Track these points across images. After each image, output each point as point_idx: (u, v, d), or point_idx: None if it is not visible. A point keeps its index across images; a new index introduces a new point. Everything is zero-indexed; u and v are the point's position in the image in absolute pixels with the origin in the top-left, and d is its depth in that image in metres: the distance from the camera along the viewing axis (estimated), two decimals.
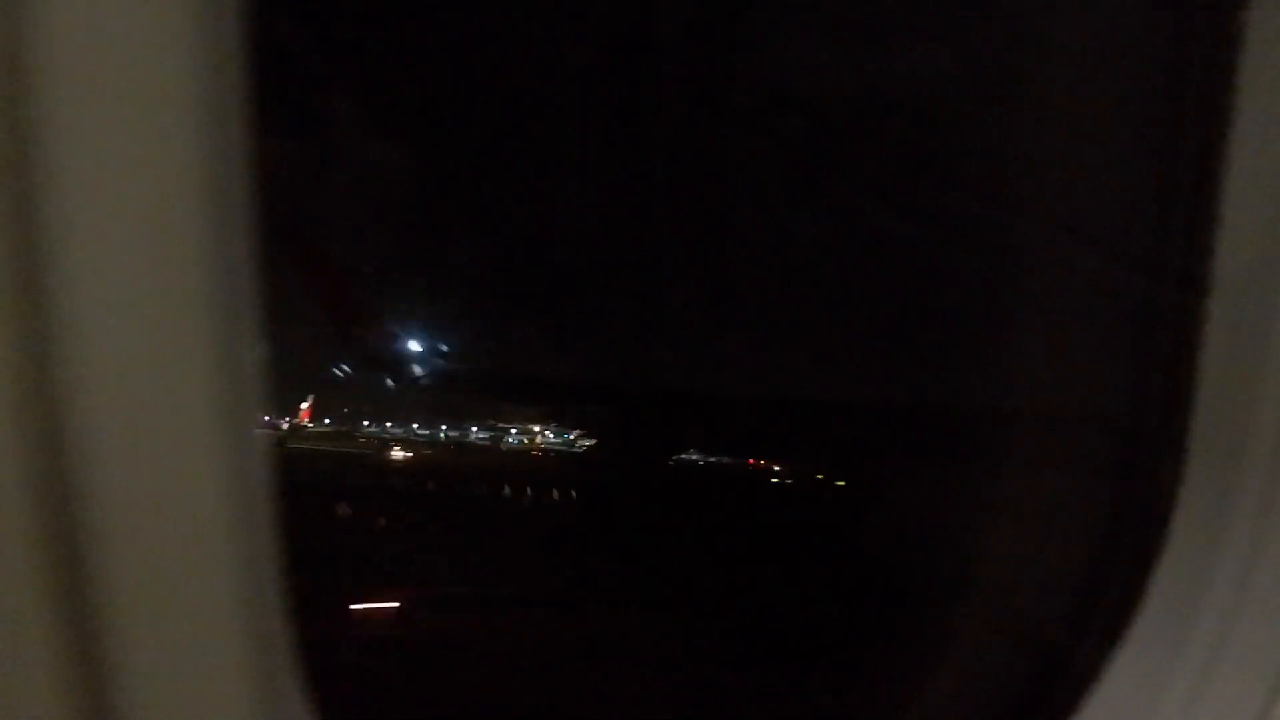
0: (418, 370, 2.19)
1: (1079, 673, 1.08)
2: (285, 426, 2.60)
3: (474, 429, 3.03)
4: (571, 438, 3.06)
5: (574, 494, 3.01)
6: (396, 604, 2.11)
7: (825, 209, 1.83)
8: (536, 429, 3.08)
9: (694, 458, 3.03)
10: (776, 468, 3.17)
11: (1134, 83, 1.24)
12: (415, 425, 2.97)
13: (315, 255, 1.74)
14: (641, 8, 1.68)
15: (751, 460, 3.19)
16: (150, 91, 0.51)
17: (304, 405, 2.66)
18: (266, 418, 0.63)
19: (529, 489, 2.98)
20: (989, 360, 1.57)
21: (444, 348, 2.16)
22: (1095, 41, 1.35)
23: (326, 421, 2.80)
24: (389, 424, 2.94)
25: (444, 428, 2.98)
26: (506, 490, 2.96)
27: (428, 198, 1.86)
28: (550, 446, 3.07)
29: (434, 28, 1.62)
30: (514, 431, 3.06)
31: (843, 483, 3.14)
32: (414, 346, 2.14)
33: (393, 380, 2.17)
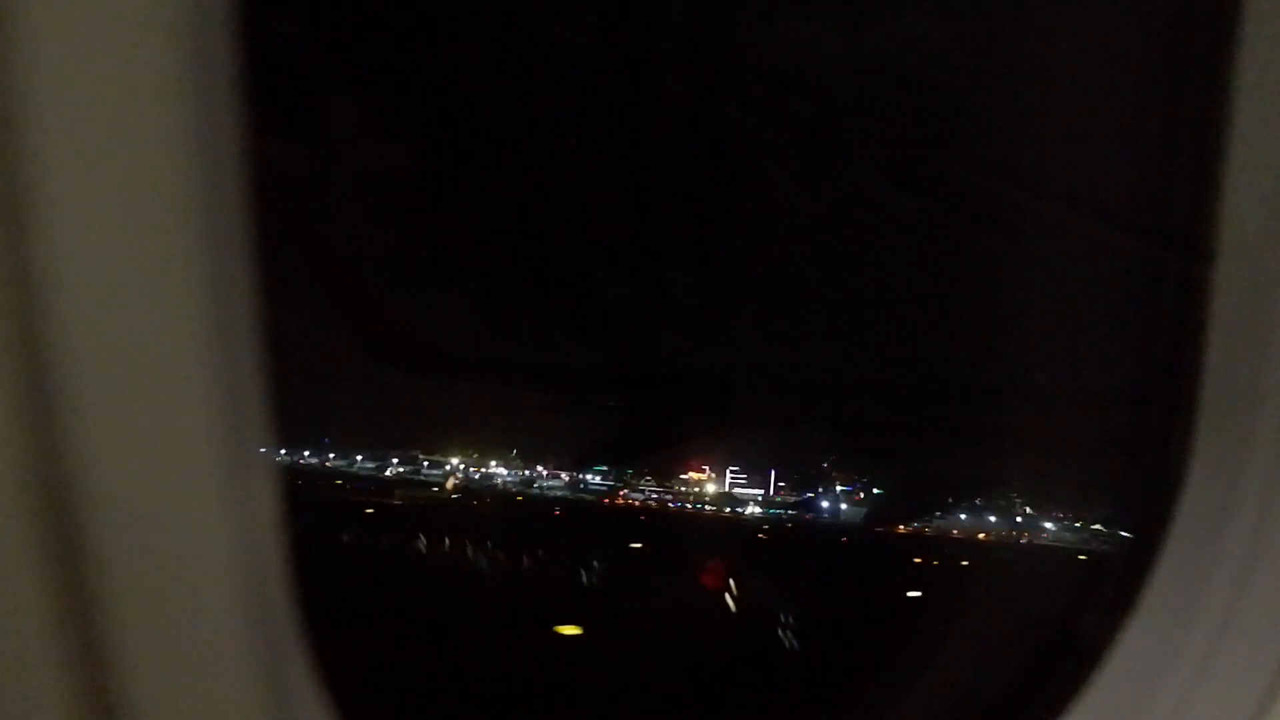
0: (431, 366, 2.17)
1: (1090, 644, 1.08)
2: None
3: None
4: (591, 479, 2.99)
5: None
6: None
7: (829, 188, 1.82)
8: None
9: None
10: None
11: (1137, 53, 1.23)
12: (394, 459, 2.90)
13: (316, 252, 1.74)
14: None
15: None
16: (142, 93, 0.50)
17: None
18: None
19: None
20: (996, 336, 1.56)
21: (451, 340, 2.15)
22: (1097, 11, 1.34)
23: (332, 456, 2.75)
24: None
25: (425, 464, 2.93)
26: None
27: (426, 187, 1.85)
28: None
29: (429, 10, 1.61)
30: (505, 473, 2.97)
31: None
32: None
33: (404, 374, 2.16)
